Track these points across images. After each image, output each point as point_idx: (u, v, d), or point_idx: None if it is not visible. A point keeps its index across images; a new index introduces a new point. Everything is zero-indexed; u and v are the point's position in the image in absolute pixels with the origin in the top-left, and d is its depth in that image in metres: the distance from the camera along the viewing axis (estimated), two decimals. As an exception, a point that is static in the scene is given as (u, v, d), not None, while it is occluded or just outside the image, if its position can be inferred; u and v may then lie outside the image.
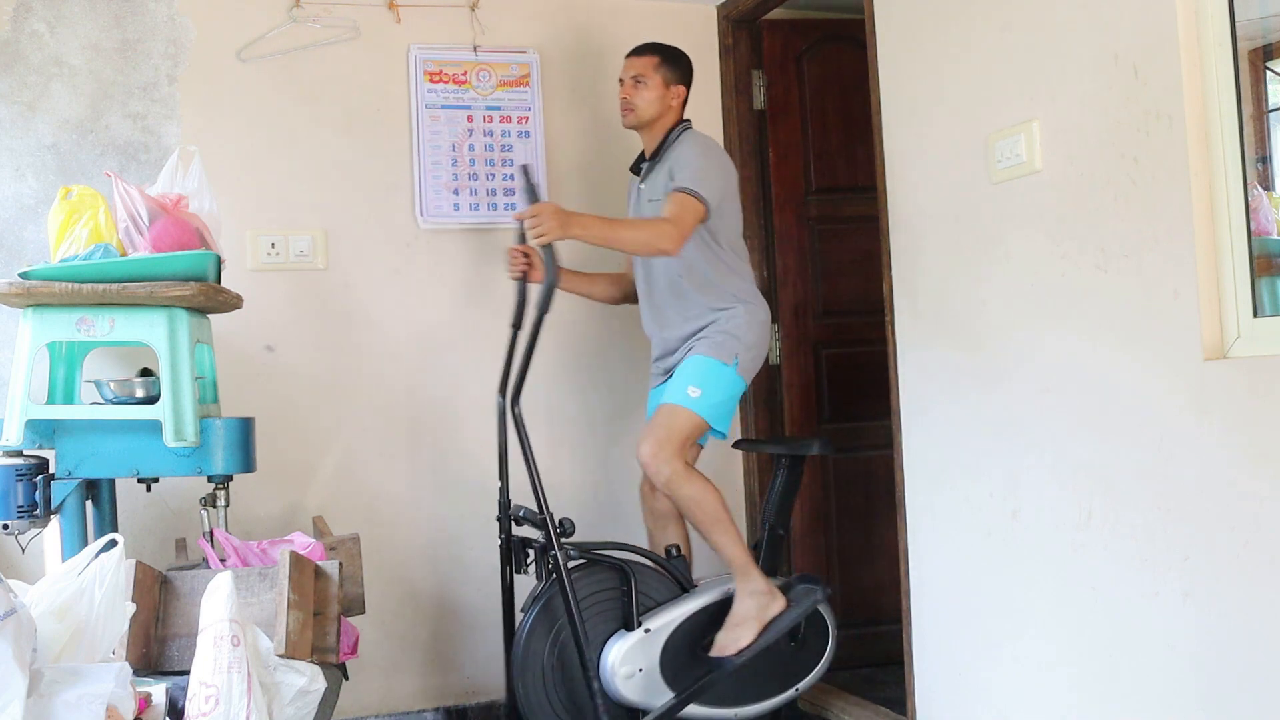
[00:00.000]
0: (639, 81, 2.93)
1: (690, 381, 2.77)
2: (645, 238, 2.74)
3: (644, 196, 2.96)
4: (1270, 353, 1.84)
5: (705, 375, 2.78)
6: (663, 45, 3.00)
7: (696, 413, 2.75)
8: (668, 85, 2.94)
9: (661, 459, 2.71)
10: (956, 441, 2.57)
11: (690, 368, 2.80)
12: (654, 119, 2.94)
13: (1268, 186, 1.98)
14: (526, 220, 2.62)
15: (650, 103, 2.92)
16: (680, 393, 2.77)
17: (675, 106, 2.97)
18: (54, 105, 3.00)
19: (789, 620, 2.76)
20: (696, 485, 2.74)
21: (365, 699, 3.13)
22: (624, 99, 2.95)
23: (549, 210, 2.62)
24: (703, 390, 2.75)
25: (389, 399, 3.25)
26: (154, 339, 2.37)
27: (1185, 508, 1.95)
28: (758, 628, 2.72)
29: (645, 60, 2.95)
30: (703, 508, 2.73)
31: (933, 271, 2.65)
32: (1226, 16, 1.91)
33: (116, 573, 2.03)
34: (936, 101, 2.61)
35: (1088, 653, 2.18)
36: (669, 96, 2.94)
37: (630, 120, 2.96)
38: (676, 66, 2.97)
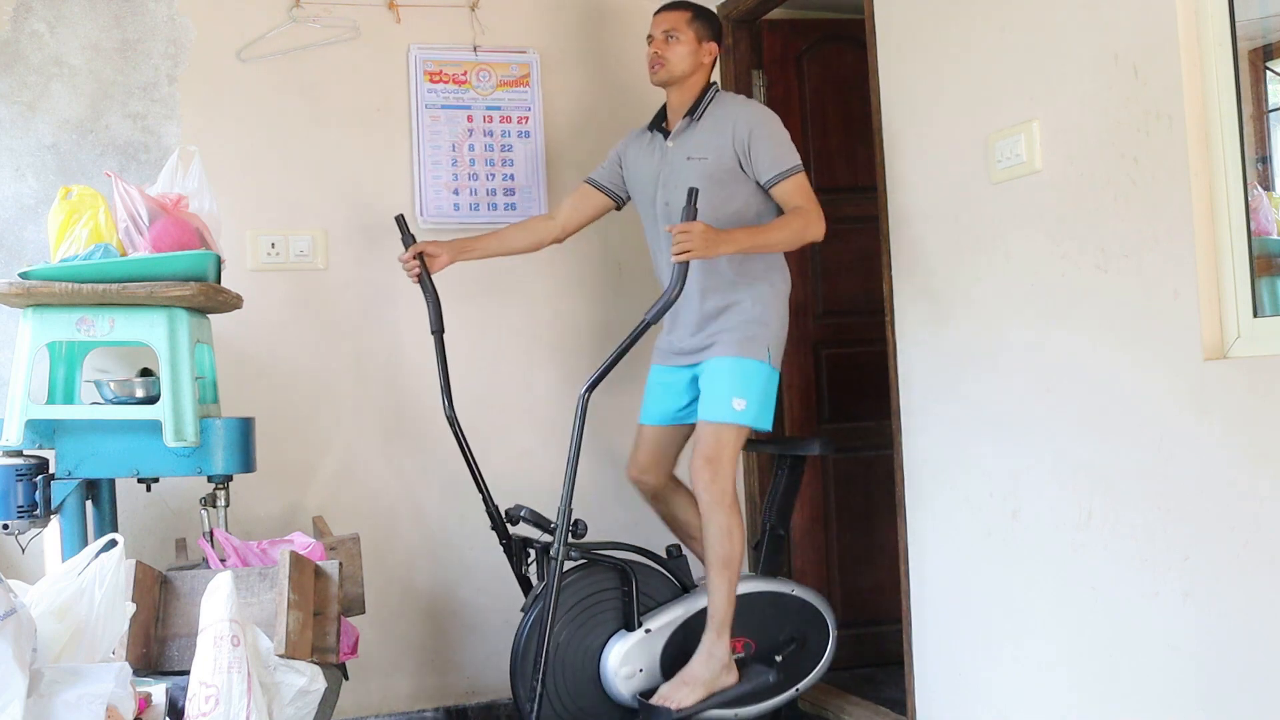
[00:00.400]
0: (671, 36, 2.84)
1: (732, 393, 2.70)
2: (798, 232, 2.70)
3: (676, 155, 2.84)
4: (1270, 353, 1.84)
5: (746, 382, 2.71)
6: (694, 3, 2.91)
7: (744, 424, 2.71)
8: (701, 41, 2.86)
9: (719, 480, 2.68)
10: (956, 441, 2.57)
11: (726, 376, 2.72)
12: (686, 75, 2.86)
13: (1268, 186, 1.98)
14: (677, 234, 2.55)
15: (683, 58, 2.84)
16: (724, 408, 2.70)
17: (707, 64, 2.89)
18: (54, 105, 3.00)
19: (733, 694, 2.71)
20: (734, 520, 2.70)
21: (365, 699, 3.13)
22: (655, 54, 2.86)
23: (700, 231, 2.54)
24: (747, 399, 2.70)
25: (389, 399, 3.25)
26: (154, 339, 2.37)
27: (1185, 508, 1.95)
28: (704, 694, 2.67)
29: (678, 14, 2.87)
30: (724, 545, 2.69)
31: (933, 271, 2.65)
32: (1226, 16, 1.91)
33: (116, 573, 2.03)
34: (936, 101, 2.61)
35: (1088, 653, 2.18)
36: (701, 53, 2.86)
37: (661, 76, 2.86)
38: (709, 23, 2.89)
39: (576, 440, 2.63)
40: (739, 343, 2.74)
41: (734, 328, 2.76)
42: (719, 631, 2.71)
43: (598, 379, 2.65)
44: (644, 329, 2.62)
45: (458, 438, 2.91)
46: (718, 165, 2.78)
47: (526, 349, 3.37)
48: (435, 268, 2.96)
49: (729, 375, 2.72)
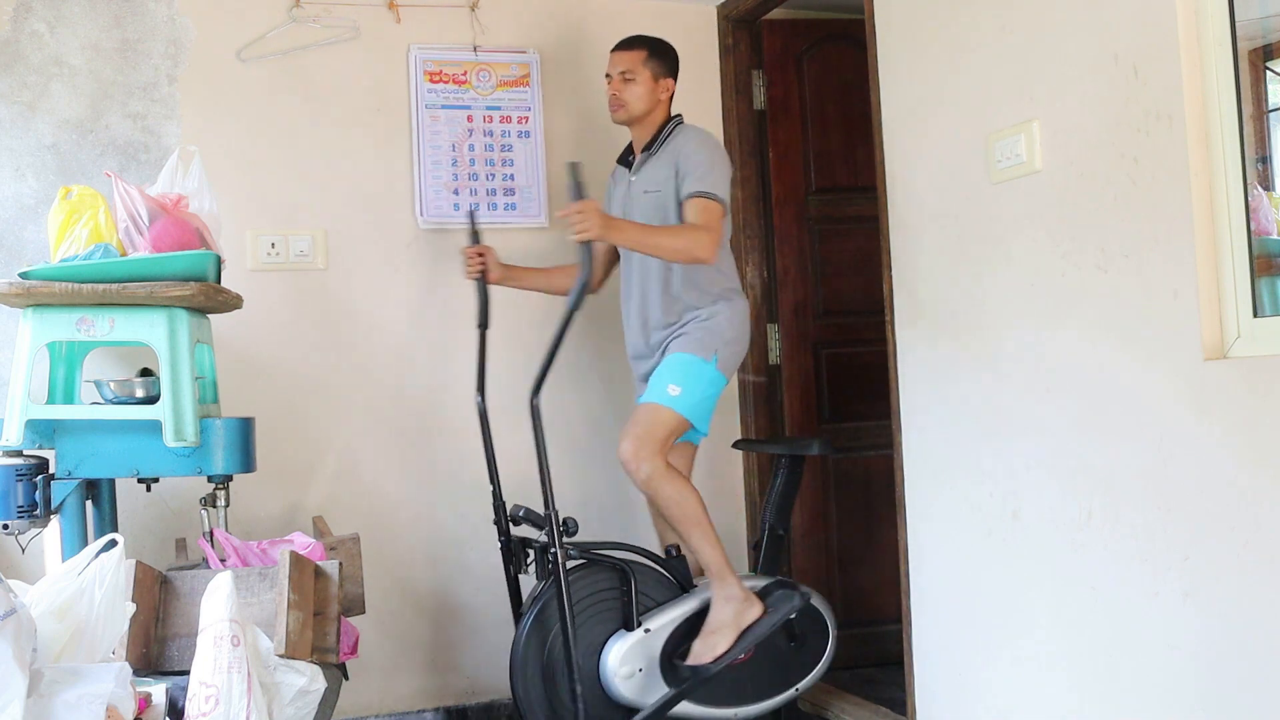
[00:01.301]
0: (627, 77, 2.91)
1: (670, 380, 2.76)
2: (683, 245, 2.71)
3: (636, 188, 2.93)
4: (1270, 353, 1.84)
5: (685, 372, 2.77)
6: (649, 38, 2.97)
7: (677, 411, 2.74)
8: (656, 79, 2.92)
9: (641, 457, 2.69)
10: (956, 441, 2.57)
11: (670, 365, 2.80)
12: (644, 114, 2.93)
13: (1268, 186, 1.98)
14: (571, 216, 2.59)
15: (640, 98, 2.91)
16: (660, 391, 2.76)
17: (665, 100, 2.95)
18: (54, 105, 3.00)
19: (766, 627, 2.71)
20: (676, 484, 2.72)
21: (365, 699, 3.13)
22: (613, 95, 2.93)
23: (593, 209, 2.59)
24: (683, 388, 2.74)
25: (389, 399, 3.25)
26: (154, 339, 2.37)
27: (1185, 508, 1.95)
28: (734, 635, 2.69)
29: (633, 55, 2.92)
30: (681, 507, 2.72)
31: (933, 271, 2.65)
32: (1226, 16, 1.91)
33: (116, 573, 2.03)
34: (936, 101, 2.61)
35: (1088, 653, 2.18)
36: (658, 90, 2.93)
37: (621, 116, 2.95)
38: (664, 60, 2.95)
39: (539, 443, 2.66)
40: (687, 342, 2.82)
41: (686, 334, 2.83)
42: (720, 577, 2.72)
43: (540, 381, 2.68)
44: (569, 319, 2.63)
45: (484, 430, 2.92)
46: (668, 196, 2.84)
47: (525, 350, 3.37)
48: (489, 279, 3.03)
49: (670, 366, 2.80)
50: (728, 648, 2.67)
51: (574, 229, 2.59)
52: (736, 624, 2.70)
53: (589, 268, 2.62)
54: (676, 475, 2.74)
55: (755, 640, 2.70)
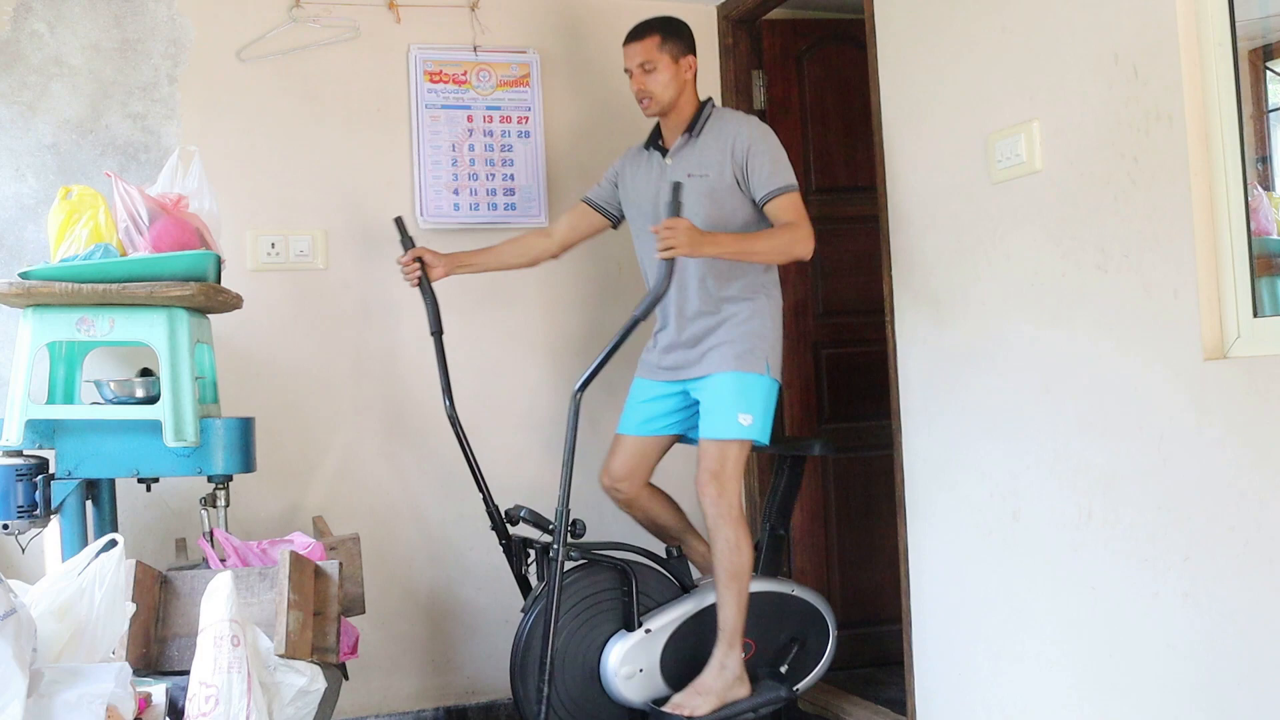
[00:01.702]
0: (647, 68, 2.82)
1: (738, 409, 2.69)
2: (784, 246, 2.67)
3: (677, 172, 2.80)
4: (1270, 353, 1.84)
5: (750, 396, 2.70)
6: (658, 20, 2.88)
7: (750, 439, 2.71)
8: (677, 60, 2.83)
9: (727, 495, 2.68)
10: (956, 441, 2.57)
11: (728, 392, 2.71)
12: (675, 99, 2.85)
13: (1268, 186, 1.98)
14: (661, 231, 2.53)
15: (666, 85, 2.82)
16: (730, 424, 2.69)
17: (691, 79, 2.87)
18: (54, 105, 3.00)
19: (745, 707, 2.71)
20: (740, 533, 2.69)
21: (365, 699, 3.13)
22: (639, 90, 2.84)
23: (685, 227, 2.53)
24: (754, 414, 2.70)
25: (389, 399, 3.25)
26: (154, 339, 2.37)
27: (1185, 508, 1.95)
28: (716, 703, 2.67)
29: (647, 44, 2.83)
30: (734, 558, 2.69)
31: (933, 271, 2.65)
32: (1226, 16, 1.91)
33: (116, 573, 2.03)
34: (936, 101, 2.61)
35: (1088, 653, 2.18)
36: (682, 71, 2.84)
37: (653, 109, 2.86)
38: (680, 38, 2.86)
39: (571, 440, 2.63)
40: (737, 356, 2.73)
41: (731, 341, 2.75)
42: (730, 643, 2.71)
43: (589, 378, 2.65)
44: (633, 326, 2.61)
45: (459, 437, 2.91)
46: (719, 182, 2.77)
47: (525, 349, 3.38)
48: (432, 278, 2.97)
49: (732, 391, 2.71)
50: (706, 712, 2.66)
51: (661, 244, 2.53)
52: (722, 696, 2.69)
53: (665, 282, 2.56)
54: (743, 526, 2.71)
55: (730, 715, 2.69)
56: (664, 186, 2.82)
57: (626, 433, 2.95)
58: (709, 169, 2.78)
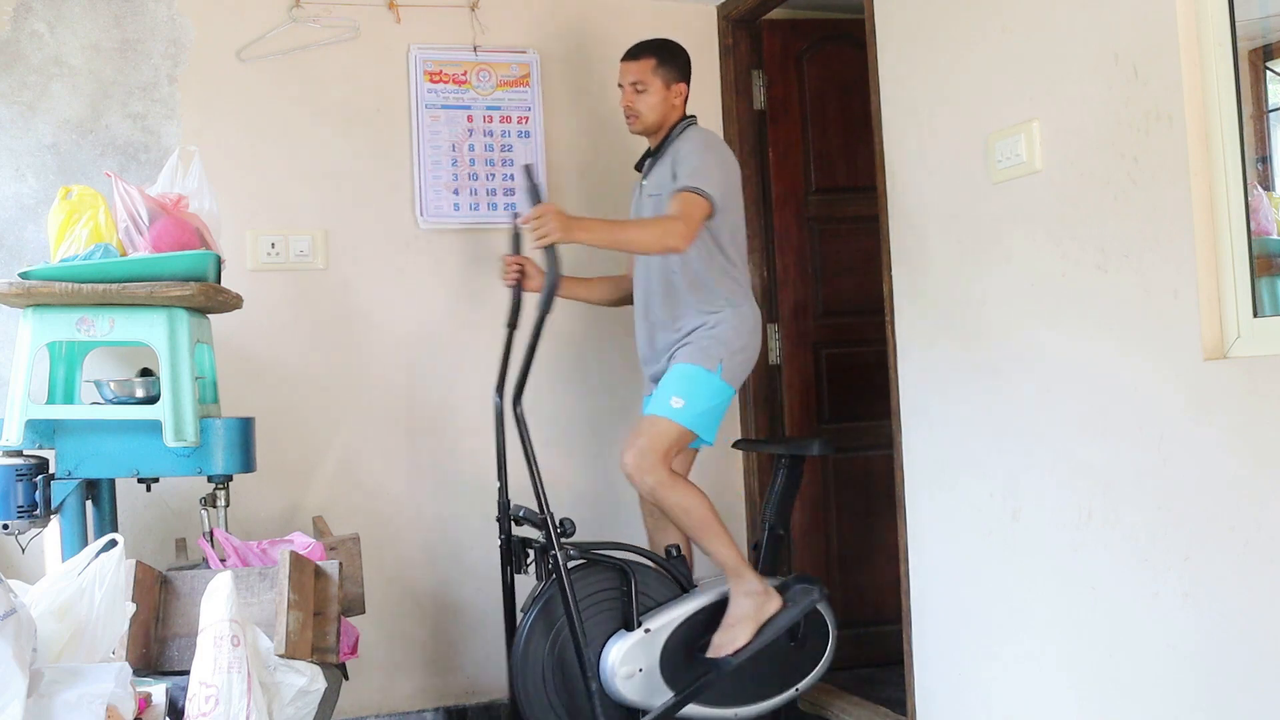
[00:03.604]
0: (639, 88, 2.88)
1: (674, 391, 2.74)
2: (653, 236, 2.69)
3: (645, 192, 2.93)
4: (1270, 353, 1.84)
5: (689, 384, 2.75)
6: (657, 44, 2.94)
7: (679, 423, 2.73)
8: (668, 86, 2.90)
9: (645, 468, 2.68)
10: (956, 441, 2.57)
11: (674, 377, 2.78)
12: (659, 122, 2.92)
13: (1268, 186, 1.98)
14: (530, 222, 2.57)
15: (653, 107, 2.89)
16: (663, 403, 2.74)
17: (679, 105, 2.94)
18: (54, 105, 3.00)
19: (786, 620, 2.74)
20: (682, 492, 2.72)
21: (365, 699, 3.13)
22: (626, 107, 2.92)
23: (553, 212, 2.57)
24: (686, 400, 2.73)
25: (389, 399, 3.25)
26: (154, 339, 2.38)
27: (1185, 508, 1.95)
28: (754, 627, 2.70)
29: (642, 64, 2.90)
30: (690, 514, 2.72)
31: (933, 271, 2.65)
32: (1226, 16, 1.91)
33: (116, 573, 2.03)
34: (936, 101, 2.61)
35: (1088, 653, 2.18)
36: (670, 96, 2.91)
37: (636, 127, 2.93)
38: (674, 64, 2.92)
39: (526, 448, 2.66)
40: (692, 352, 2.79)
41: (692, 341, 2.81)
42: (738, 574, 2.73)
43: (519, 389, 2.67)
44: (541, 323, 2.62)
45: (498, 428, 2.90)
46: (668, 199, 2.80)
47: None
48: (530, 288, 2.97)
49: (676, 376, 2.78)
50: (748, 640, 2.69)
51: (535, 235, 2.56)
52: (757, 617, 2.71)
53: (555, 271, 2.59)
54: (681, 483, 2.74)
55: (775, 633, 2.72)
56: (637, 207, 2.96)
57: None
58: (662, 188, 2.84)
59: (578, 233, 2.62)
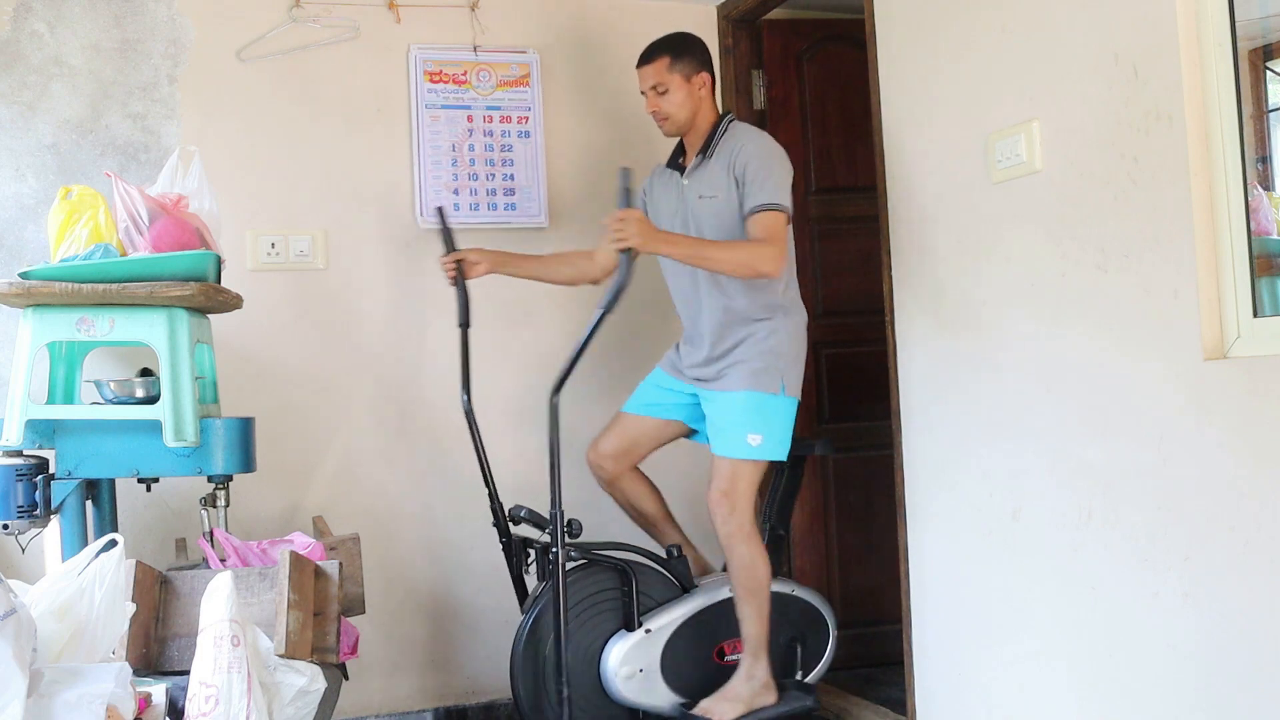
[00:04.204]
0: (660, 90, 2.81)
1: (748, 429, 2.69)
2: (744, 260, 2.62)
3: (690, 193, 2.81)
4: (1270, 353, 1.84)
5: (761, 416, 2.70)
6: (667, 41, 2.86)
7: (760, 459, 2.71)
8: (689, 79, 2.81)
9: (734, 513, 2.68)
10: (956, 441, 2.57)
11: (740, 411, 2.70)
12: (691, 118, 2.83)
13: (1268, 186, 1.98)
14: (613, 223, 2.53)
15: (680, 105, 2.81)
16: (740, 443, 2.69)
17: (706, 95, 2.84)
18: (54, 105, 3.00)
19: (773, 714, 2.73)
20: (754, 549, 2.71)
21: (365, 699, 3.13)
22: (653, 112, 2.84)
23: (637, 218, 2.53)
24: (763, 434, 2.69)
25: (389, 399, 3.25)
26: (154, 339, 2.37)
27: (1185, 508, 1.95)
28: (744, 710, 2.70)
29: (657, 66, 2.82)
30: (750, 572, 2.71)
31: (933, 271, 2.65)
32: (1226, 16, 1.91)
33: (116, 573, 2.03)
34: (936, 101, 2.61)
35: (1088, 653, 2.18)
36: (694, 89, 2.81)
37: (670, 129, 2.85)
38: (690, 56, 2.83)
39: (553, 442, 2.63)
40: (753, 374, 2.71)
41: (748, 360, 2.73)
42: (755, 654, 2.73)
43: (562, 380, 2.65)
44: (600, 322, 2.60)
45: (472, 432, 2.90)
46: (726, 203, 2.75)
47: (524, 348, 3.37)
48: (472, 274, 2.96)
49: (743, 410, 2.71)
50: (732, 719, 2.69)
51: (614, 236, 2.53)
52: (749, 702, 2.72)
53: (626, 274, 2.54)
54: (756, 539, 2.73)
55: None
56: (683, 208, 2.84)
57: (629, 411, 2.96)
58: (717, 190, 2.76)
59: (660, 244, 2.59)
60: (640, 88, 2.88)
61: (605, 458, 2.94)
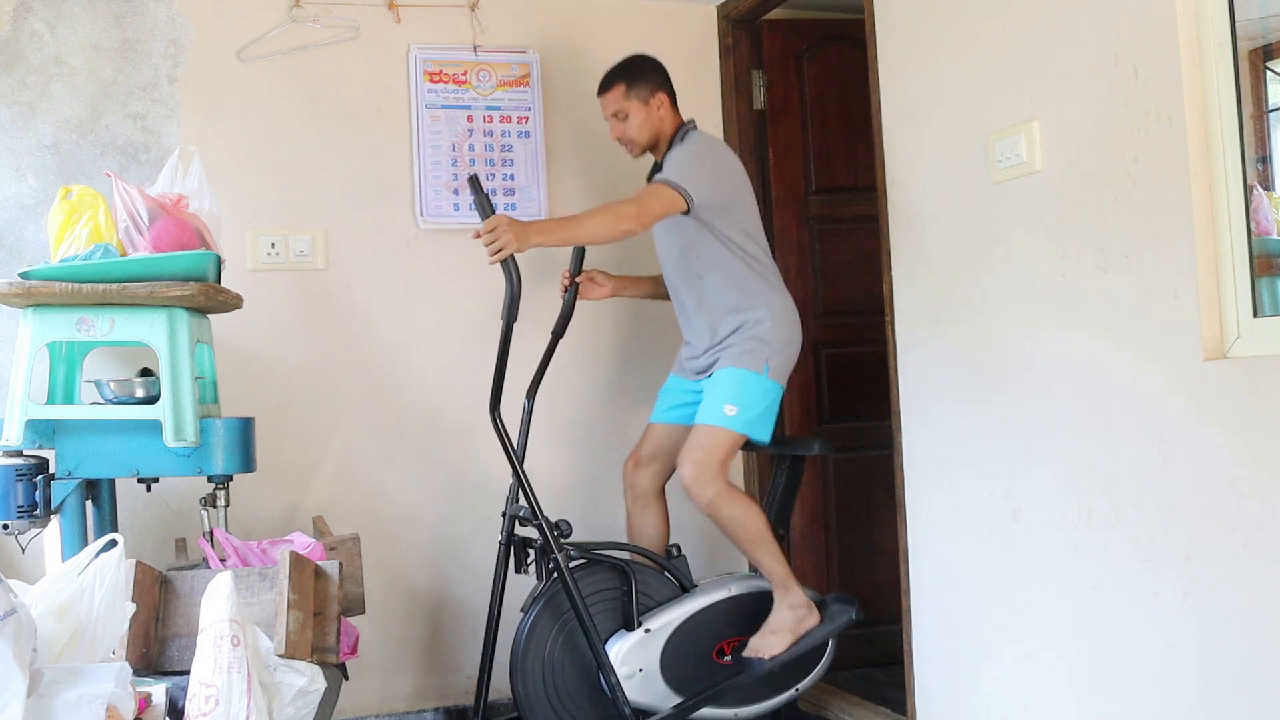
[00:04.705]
0: (620, 116, 2.91)
1: (725, 399, 2.75)
2: (605, 222, 2.66)
3: None
4: (1270, 353, 1.84)
5: (740, 390, 2.75)
6: (621, 67, 2.94)
7: (734, 430, 2.74)
8: (646, 102, 2.90)
9: (704, 481, 2.70)
10: (956, 441, 2.57)
11: (723, 383, 2.78)
12: (653, 138, 2.92)
13: (1268, 186, 1.98)
14: (483, 236, 2.57)
15: (640, 128, 2.90)
16: (716, 412, 2.74)
17: (666, 113, 2.92)
18: (54, 105, 3.00)
19: (821, 634, 2.79)
20: (740, 506, 2.75)
21: (365, 699, 3.13)
22: (617, 138, 2.94)
23: (504, 224, 2.56)
24: (739, 406, 2.74)
25: (389, 399, 3.25)
26: (154, 339, 2.38)
27: (1185, 508, 1.95)
28: (791, 638, 2.75)
29: (614, 94, 2.91)
30: (746, 528, 2.74)
31: (933, 272, 2.65)
32: (1226, 16, 1.91)
33: (116, 573, 2.03)
34: (936, 101, 2.61)
35: (1088, 653, 2.18)
36: (653, 109, 2.90)
37: (635, 152, 2.95)
38: (644, 79, 2.90)
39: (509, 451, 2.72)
40: (737, 355, 2.79)
41: (735, 344, 2.81)
42: (785, 586, 2.78)
43: (496, 395, 2.70)
44: (508, 332, 2.67)
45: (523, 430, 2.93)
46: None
47: (529, 351, 3.37)
48: (593, 296, 3.03)
49: (724, 383, 2.78)
50: (783, 649, 2.74)
51: (490, 249, 2.56)
52: (796, 629, 2.76)
53: (516, 283, 2.62)
54: (738, 495, 2.77)
55: (809, 645, 2.77)
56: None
57: (654, 420, 3.02)
58: None
59: (533, 237, 2.60)
60: (603, 114, 2.96)
61: (640, 466, 2.97)
